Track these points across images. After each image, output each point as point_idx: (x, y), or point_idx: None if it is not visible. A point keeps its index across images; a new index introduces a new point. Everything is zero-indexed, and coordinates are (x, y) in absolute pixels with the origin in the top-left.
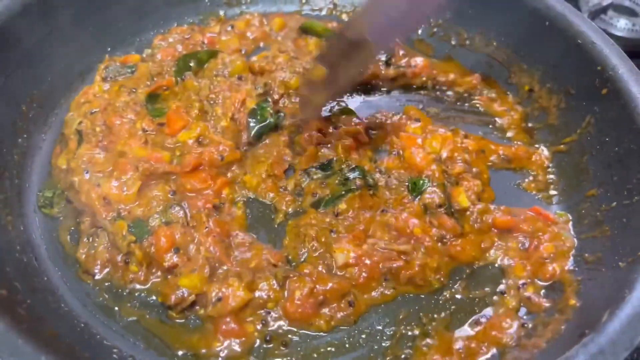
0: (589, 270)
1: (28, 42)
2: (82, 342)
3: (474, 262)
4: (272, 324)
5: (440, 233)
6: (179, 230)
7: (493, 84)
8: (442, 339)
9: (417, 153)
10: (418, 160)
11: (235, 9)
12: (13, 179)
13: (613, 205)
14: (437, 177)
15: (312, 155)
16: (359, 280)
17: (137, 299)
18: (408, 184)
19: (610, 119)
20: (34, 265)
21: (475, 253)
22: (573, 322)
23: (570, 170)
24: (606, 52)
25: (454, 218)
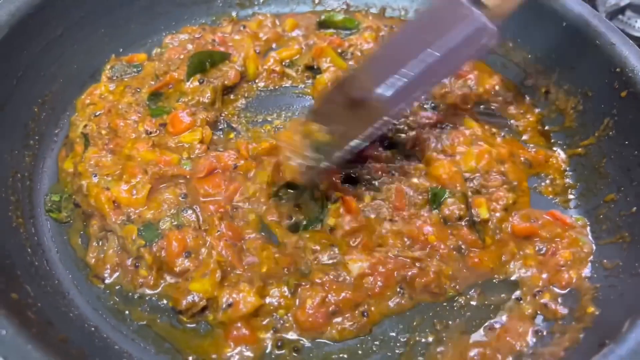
0: (607, 277)
1: (40, 43)
2: (92, 346)
3: (492, 274)
4: (283, 331)
5: (457, 243)
6: (190, 233)
7: (510, 86)
8: (456, 346)
9: (444, 168)
10: (444, 176)
11: (247, 10)
12: (24, 181)
13: (633, 211)
14: (459, 190)
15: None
16: (375, 289)
17: (148, 303)
18: (429, 195)
19: (630, 121)
20: (45, 268)
21: (493, 265)
22: (592, 331)
23: (588, 174)
24: (626, 54)
25: (476, 231)
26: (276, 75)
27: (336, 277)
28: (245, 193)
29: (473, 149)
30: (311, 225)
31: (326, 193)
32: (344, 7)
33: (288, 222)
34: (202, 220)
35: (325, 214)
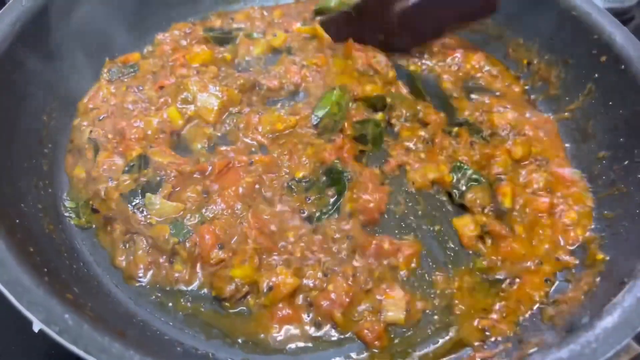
0: (609, 226)
1: (41, 51)
2: (146, 339)
3: (525, 260)
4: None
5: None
6: (220, 226)
7: (494, 60)
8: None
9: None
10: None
11: (234, 5)
12: (47, 189)
13: (625, 164)
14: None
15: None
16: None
17: (189, 294)
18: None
19: (612, 84)
20: (84, 270)
21: (526, 251)
22: (607, 274)
23: (578, 135)
24: (601, 21)
25: (503, 221)
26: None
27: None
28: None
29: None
30: (325, 216)
31: (340, 176)
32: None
33: (302, 215)
34: (227, 213)
35: (342, 200)
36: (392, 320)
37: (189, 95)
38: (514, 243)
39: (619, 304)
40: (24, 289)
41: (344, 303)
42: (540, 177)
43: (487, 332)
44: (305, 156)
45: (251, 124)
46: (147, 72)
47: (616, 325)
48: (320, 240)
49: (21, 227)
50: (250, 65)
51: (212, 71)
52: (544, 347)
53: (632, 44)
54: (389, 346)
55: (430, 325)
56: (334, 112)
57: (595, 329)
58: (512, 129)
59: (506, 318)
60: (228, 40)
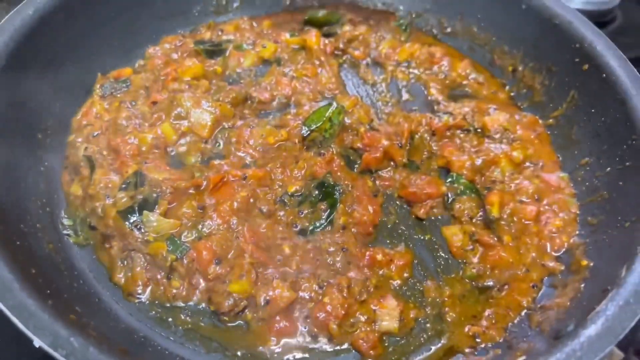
0: (593, 232)
1: (34, 70)
2: (148, 354)
3: (513, 268)
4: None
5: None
6: (216, 241)
7: (479, 67)
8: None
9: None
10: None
11: (222, 17)
12: (45, 207)
13: (607, 171)
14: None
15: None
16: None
17: (188, 308)
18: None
19: (594, 91)
20: (84, 289)
21: (513, 259)
22: (591, 281)
23: (562, 141)
24: (582, 30)
25: (491, 230)
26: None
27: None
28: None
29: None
30: (318, 229)
31: (332, 190)
32: (315, 3)
33: (294, 230)
34: (222, 228)
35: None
36: (387, 329)
37: (182, 111)
38: (502, 252)
39: (602, 313)
40: (29, 313)
41: (340, 315)
42: (531, 184)
43: (478, 338)
44: (297, 169)
45: (243, 138)
46: (140, 87)
47: (600, 333)
48: (315, 253)
49: (22, 249)
50: (241, 77)
51: (203, 85)
52: (532, 355)
53: (613, 53)
54: (383, 355)
55: (423, 333)
56: (325, 128)
57: (580, 337)
58: (504, 131)
59: (495, 324)
60: (218, 53)
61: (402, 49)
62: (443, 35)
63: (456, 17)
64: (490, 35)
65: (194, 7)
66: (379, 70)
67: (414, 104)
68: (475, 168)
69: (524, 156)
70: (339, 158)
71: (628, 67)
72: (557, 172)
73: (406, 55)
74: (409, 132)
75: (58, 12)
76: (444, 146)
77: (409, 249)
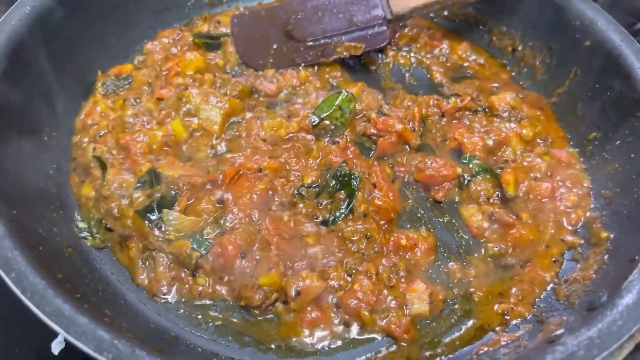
0: (609, 205)
1: (34, 70)
2: (182, 354)
3: (533, 245)
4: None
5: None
6: (240, 235)
7: (479, 49)
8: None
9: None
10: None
11: (217, 8)
12: (58, 211)
13: (617, 144)
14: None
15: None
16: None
17: (217, 304)
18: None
19: (597, 67)
20: (109, 291)
21: (533, 236)
22: (614, 252)
23: (568, 118)
24: (582, 7)
25: (509, 208)
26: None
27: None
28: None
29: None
30: (339, 219)
31: (349, 179)
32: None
33: (315, 220)
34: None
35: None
36: (418, 312)
37: (191, 108)
38: (522, 229)
39: (636, 282)
40: (68, 320)
41: (370, 301)
42: (543, 161)
43: (507, 316)
44: (312, 158)
45: (253, 131)
46: (142, 83)
47: (637, 301)
48: (339, 242)
49: (46, 254)
50: (244, 69)
51: (209, 79)
52: (570, 328)
53: (614, 28)
54: (417, 338)
55: (453, 314)
56: (335, 116)
57: (617, 306)
58: (512, 110)
59: (522, 300)
60: (218, 46)
61: (402, 33)
62: (440, 19)
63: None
64: (486, 17)
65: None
66: (380, 56)
67: (419, 87)
68: (487, 148)
69: (534, 133)
70: (353, 145)
71: (630, 41)
72: (567, 148)
73: (406, 40)
74: (420, 114)
75: (55, 10)
76: (454, 128)
77: (430, 232)
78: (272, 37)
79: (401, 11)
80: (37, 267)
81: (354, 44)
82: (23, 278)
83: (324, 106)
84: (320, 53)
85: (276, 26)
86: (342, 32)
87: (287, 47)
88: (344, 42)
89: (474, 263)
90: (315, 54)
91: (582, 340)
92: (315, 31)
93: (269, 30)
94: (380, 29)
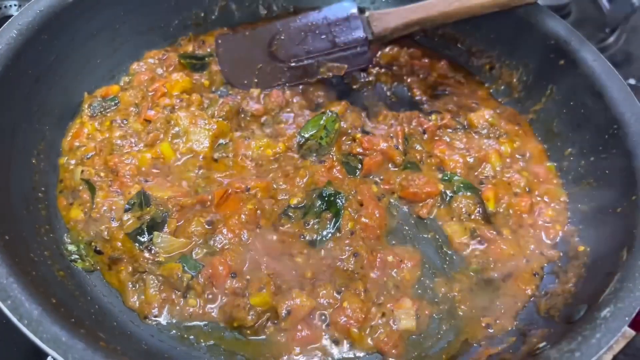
0: (585, 219)
1: (22, 92)
2: None
3: (514, 260)
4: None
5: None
6: (230, 255)
7: (457, 67)
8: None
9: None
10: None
11: (201, 28)
12: (48, 234)
13: (592, 160)
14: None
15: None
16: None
17: (208, 325)
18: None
19: (571, 85)
20: (101, 313)
21: (514, 251)
22: (592, 265)
23: (544, 134)
24: (556, 27)
25: (491, 224)
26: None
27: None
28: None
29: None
30: (326, 238)
31: (334, 199)
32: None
33: (303, 240)
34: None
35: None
36: (405, 328)
37: (179, 130)
38: (503, 245)
39: (612, 295)
40: (67, 346)
41: (360, 319)
42: (521, 177)
43: (490, 329)
44: (299, 177)
45: (240, 151)
46: (129, 104)
47: (614, 314)
48: (328, 260)
49: (38, 279)
50: (229, 89)
51: (196, 99)
52: (552, 341)
53: (587, 48)
54: (404, 353)
55: (439, 328)
56: (320, 136)
57: (596, 319)
58: (490, 127)
59: (505, 314)
60: (203, 67)
61: (383, 52)
62: (419, 37)
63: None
64: (465, 36)
65: (173, 20)
66: (362, 75)
67: (400, 104)
68: (468, 165)
69: (512, 149)
70: (340, 165)
71: (602, 61)
72: (545, 162)
73: (387, 58)
74: (403, 132)
75: (41, 33)
76: (436, 145)
77: (416, 248)
78: (256, 57)
79: (382, 32)
80: (32, 293)
81: (337, 65)
82: (19, 305)
83: (309, 126)
84: (303, 73)
85: (260, 47)
86: (324, 53)
87: (271, 67)
88: (327, 62)
89: (458, 278)
90: (299, 74)
91: (563, 353)
92: (298, 52)
93: (253, 50)
94: (362, 49)
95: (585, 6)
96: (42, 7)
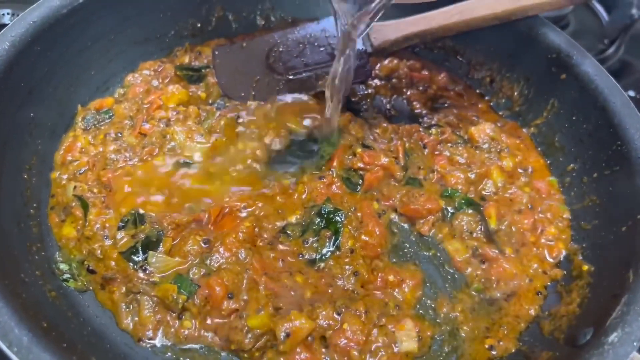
0: (589, 237)
1: (14, 105)
2: None
3: (517, 279)
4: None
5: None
6: (227, 276)
7: (457, 79)
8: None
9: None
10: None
11: (197, 38)
12: (40, 252)
13: (595, 177)
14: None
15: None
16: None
17: (204, 347)
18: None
19: (573, 99)
20: (96, 335)
21: (517, 270)
22: (596, 285)
23: (546, 149)
24: (558, 41)
25: (493, 242)
26: None
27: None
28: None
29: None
30: (326, 257)
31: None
32: (289, 20)
33: (301, 259)
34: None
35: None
36: (407, 350)
37: (175, 145)
38: (505, 263)
39: (619, 319)
40: None
41: (360, 341)
42: (524, 193)
43: (493, 351)
44: (297, 193)
45: (236, 166)
46: (124, 117)
47: (622, 339)
48: (327, 279)
49: (29, 301)
50: (226, 101)
51: (194, 112)
52: None
53: (589, 62)
54: None
55: (441, 350)
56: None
57: (604, 345)
58: (492, 141)
59: (508, 335)
60: (200, 78)
61: (382, 64)
62: (419, 50)
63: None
64: (464, 48)
65: (169, 31)
66: (361, 87)
67: (400, 117)
68: (469, 181)
69: (514, 164)
70: (340, 181)
71: (604, 75)
72: (548, 177)
73: (387, 71)
74: (403, 147)
75: (34, 44)
76: (436, 159)
77: (417, 266)
78: (254, 69)
79: (382, 45)
80: (22, 317)
81: None
82: (8, 331)
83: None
84: (302, 86)
85: (258, 59)
86: (323, 65)
87: (269, 80)
88: (325, 75)
89: (459, 297)
90: (297, 87)
91: None
92: (296, 64)
93: (250, 62)
94: (361, 62)
95: (584, 17)
96: (35, 18)
